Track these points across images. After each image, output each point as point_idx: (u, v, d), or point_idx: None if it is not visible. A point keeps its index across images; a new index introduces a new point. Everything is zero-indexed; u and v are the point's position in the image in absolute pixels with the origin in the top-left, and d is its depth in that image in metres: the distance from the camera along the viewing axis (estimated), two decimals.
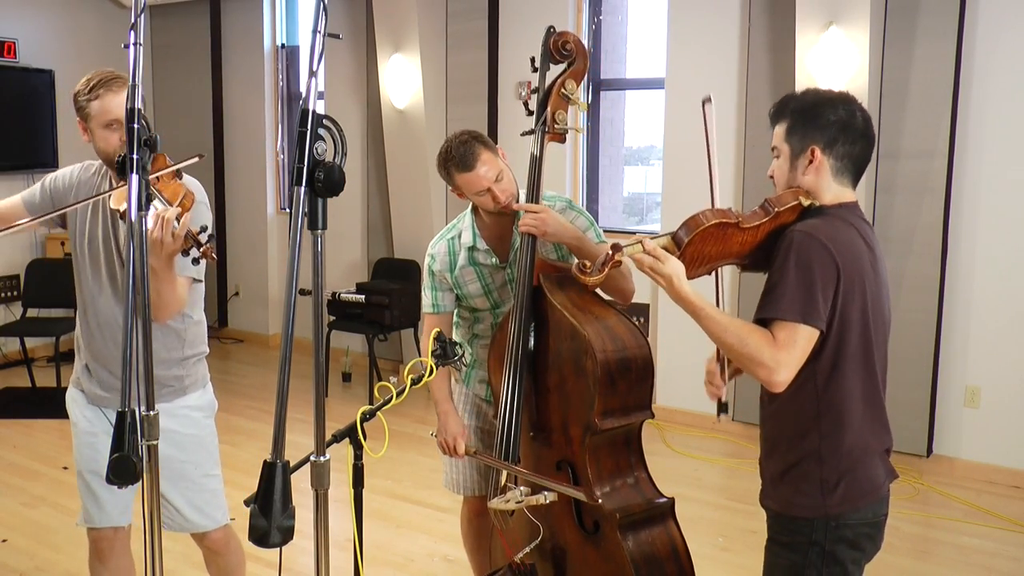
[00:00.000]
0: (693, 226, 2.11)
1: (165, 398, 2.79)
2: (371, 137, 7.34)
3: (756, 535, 4.42)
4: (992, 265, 5.06)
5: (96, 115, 2.63)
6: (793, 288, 2.01)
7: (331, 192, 1.65)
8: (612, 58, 6.62)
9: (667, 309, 6.02)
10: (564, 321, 2.69)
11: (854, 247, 2.10)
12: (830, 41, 4.95)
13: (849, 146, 2.15)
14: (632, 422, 2.72)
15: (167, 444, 2.65)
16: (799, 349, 2.02)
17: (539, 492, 2.64)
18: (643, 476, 2.77)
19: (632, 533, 2.63)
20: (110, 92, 2.62)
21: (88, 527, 2.94)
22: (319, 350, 1.71)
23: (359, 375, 7.11)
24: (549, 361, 2.78)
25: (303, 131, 1.62)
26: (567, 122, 2.84)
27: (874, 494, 2.16)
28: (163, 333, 2.80)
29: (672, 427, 6.00)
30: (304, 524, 1.69)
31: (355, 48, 7.33)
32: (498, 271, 2.98)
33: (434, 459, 5.12)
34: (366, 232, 7.56)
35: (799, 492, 2.16)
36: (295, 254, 1.61)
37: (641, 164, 7.28)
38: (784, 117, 2.21)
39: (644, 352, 2.71)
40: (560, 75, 2.84)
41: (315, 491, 1.77)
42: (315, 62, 1.64)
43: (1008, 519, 4.64)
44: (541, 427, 2.82)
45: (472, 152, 2.80)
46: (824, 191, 2.18)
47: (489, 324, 3.07)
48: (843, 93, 2.20)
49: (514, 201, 2.86)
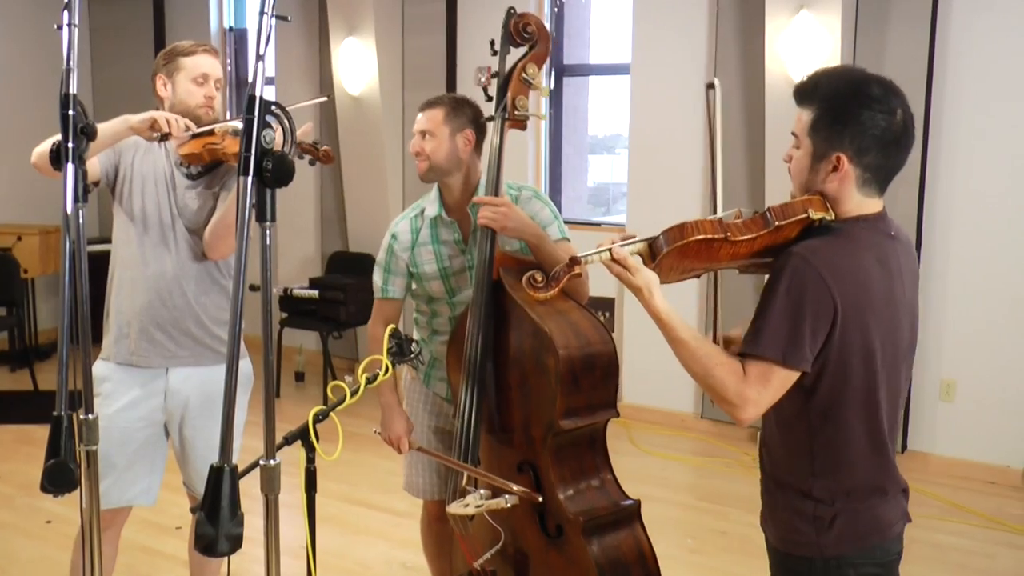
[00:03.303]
0: (673, 239, 1.95)
1: (213, 361, 2.99)
2: (324, 125, 7.29)
3: (726, 536, 4.47)
4: (968, 256, 5.13)
5: (188, 68, 2.90)
6: (778, 321, 1.87)
7: (280, 182, 1.64)
8: (575, 42, 6.63)
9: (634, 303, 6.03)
10: (525, 317, 2.69)
11: (859, 275, 1.92)
12: (801, 25, 5.00)
13: (880, 158, 1.94)
14: (596, 422, 2.72)
15: (208, 415, 2.94)
16: (771, 389, 1.89)
17: (500, 496, 2.64)
18: (608, 478, 2.77)
19: (597, 537, 2.63)
20: (208, 54, 2.95)
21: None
22: (268, 349, 1.70)
23: (313, 374, 7.07)
24: (510, 358, 2.78)
25: (250, 118, 1.61)
26: (528, 108, 2.83)
27: (879, 535, 2.02)
28: (216, 291, 2.96)
29: (639, 425, 6.03)
30: (254, 531, 1.68)
31: (307, 31, 7.27)
32: (458, 255, 2.98)
33: (392, 461, 5.09)
34: (320, 225, 7.52)
35: (791, 527, 2.04)
36: (242, 248, 1.60)
37: (606, 153, 7.31)
38: (811, 102, 1.97)
39: (608, 348, 2.71)
40: (521, 59, 2.84)
41: (265, 496, 1.75)
42: (263, 46, 1.63)
43: (984, 515, 4.71)
44: (502, 427, 2.82)
45: (436, 101, 2.96)
46: (845, 201, 1.97)
47: (447, 318, 3.06)
48: (885, 84, 1.95)
49: (424, 163, 2.92)
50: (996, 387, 5.12)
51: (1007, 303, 5.04)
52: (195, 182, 2.94)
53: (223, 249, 2.90)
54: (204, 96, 2.91)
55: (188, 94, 2.91)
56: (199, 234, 2.92)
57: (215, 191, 2.94)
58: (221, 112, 2.99)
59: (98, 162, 2.89)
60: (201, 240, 2.92)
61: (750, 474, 5.19)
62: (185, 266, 2.92)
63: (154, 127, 2.68)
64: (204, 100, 2.91)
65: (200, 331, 2.96)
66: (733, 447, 5.64)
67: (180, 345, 2.95)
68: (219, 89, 2.95)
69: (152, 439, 2.98)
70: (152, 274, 2.91)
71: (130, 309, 2.93)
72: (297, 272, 7.52)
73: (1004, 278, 5.04)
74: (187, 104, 2.90)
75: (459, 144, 2.92)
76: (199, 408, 2.98)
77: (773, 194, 5.28)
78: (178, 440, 3.02)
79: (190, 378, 2.97)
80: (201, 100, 2.91)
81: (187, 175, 2.94)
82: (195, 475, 3.03)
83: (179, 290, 2.92)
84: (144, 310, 2.91)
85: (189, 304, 2.93)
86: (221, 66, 2.99)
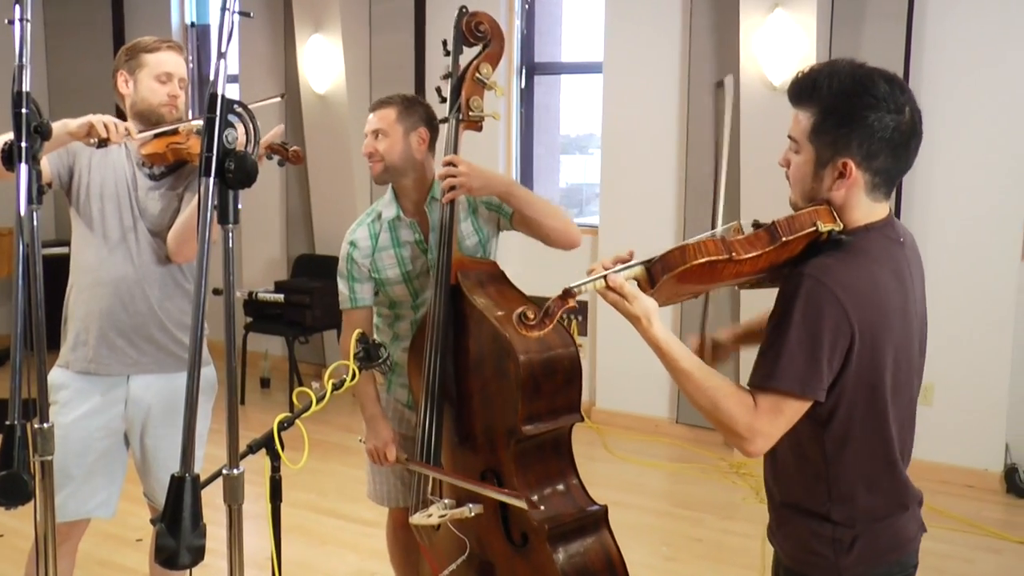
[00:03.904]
0: (672, 264, 1.83)
1: (176, 367, 2.96)
2: (289, 123, 7.25)
3: (702, 543, 4.48)
4: (946, 257, 5.15)
5: (152, 65, 2.88)
6: (794, 350, 1.78)
7: (243, 183, 1.63)
8: (546, 40, 6.64)
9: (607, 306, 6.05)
10: (484, 321, 2.69)
11: (876, 295, 1.83)
12: (776, 23, 5.03)
13: (892, 160, 1.85)
14: (560, 426, 2.73)
15: (170, 423, 2.92)
16: (784, 419, 1.82)
17: (463, 505, 2.63)
18: (574, 483, 2.77)
19: (563, 544, 2.63)
20: (172, 50, 2.93)
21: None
22: (231, 354, 1.68)
23: (279, 380, 7.04)
24: (470, 364, 2.78)
25: (211, 117, 1.60)
26: (483, 109, 2.84)
27: (900, 550, 1.99)
28: (180, 296, 2.95)
29: (613, 431, 6.04)
30: (217, 543, 1.66)
31: (271, 27, 7.24)
32: (419, 255, 2.97)
33: (360, 470, 5.06)
34: (285, 226, 7.48)
35: (808, 550, 1.97)
36: (204, 251, 1.58)
37: (579, 153, 7.33)
38: (812, 103, 1.85)
39: (570, 352, 2.71)
40: (474, 59, 2.86)
41: (229, 507, 1.74)
42: (224, 42, 1.62)
43: (962, 519, 4.75)
44: (464, 434, 2.82)
45: (386, 100, 2.98)
46: (854, 209, 1.87)
47: (410, 323, 3.05)
48: (891, 79, 1.84)
49: (378, 165, 2.93)
50: (974, 390, 5.16)
51: (985, 304, 5.09)
52: (158, 183, 2.91)
53: (188, 252, 2.87)
54: (168, 95, 2.89)
55: (151, 92, 2.89)
56: (162, 237, 2.90)
57: (179, 192, 2.92)
58: (185, 111, 2.97)
59: (48, 164, 2.84)
60: (164, 243, 2.89)
61: (726, 480, 5.22)
62: (148, 270, 2.89)
63: (91, 132, 2.64)
64: (168, 99, 2.89)
65: (164, 337, 2.93)
66: (709, 452, 5.66)
67: (142, 352, 2.92)
68: (183, 87, 2.93)
69: (112, 449, 2.96)
70: (113, 278, 2.88)
71: (89, 315, 2.90)
72: (262, 275, 7.48)
73: (982, 278, 5.09)
74: (150, 102, 2.88)
75: (413, 143, 2.92)
76: (161, 416, 2.95)
77: (749, 196, 5.31)
78: (139, 449, 2.99)
79: (152, 385, 2.95)
80: (164, 99, 2.89)
81: (149, 175, 2.91)
82: (156, 485, 3.00)
83: (141, 295, 2.89)
84: (104, 316, 2.88)
85: (152, 309, 2.90)
86: (185, 63, 2.97)
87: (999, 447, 5.15)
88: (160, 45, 2.91)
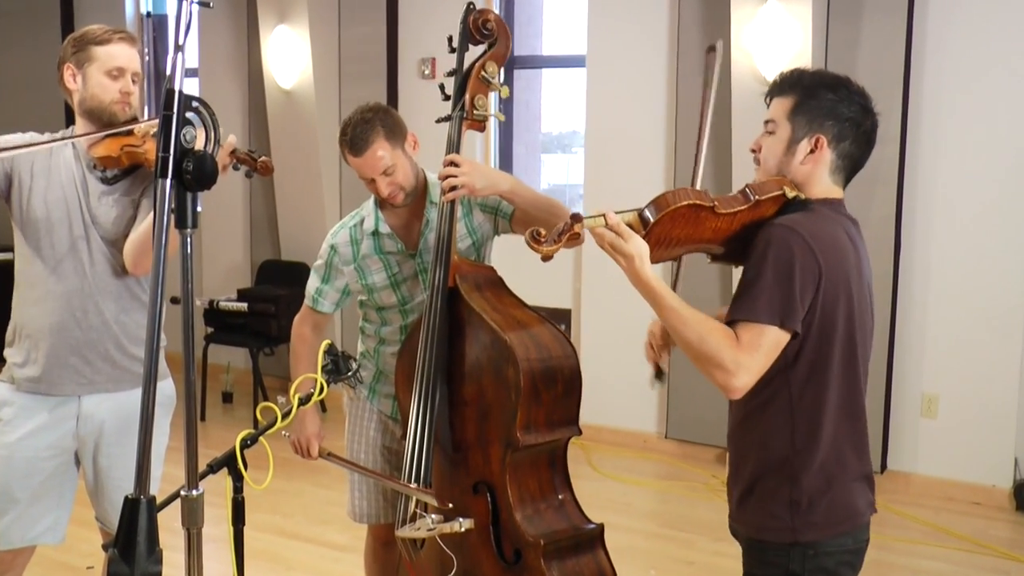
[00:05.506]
0: (663, 205, 2.13)
1: (132, 384, 2.91)
2: (253, 121, 7.25)
3: (692, 567, 4.49)
4: (950, 261, 5.19)
5: (102, 59, 2.79)
6: (771, 287, 2.06)
7: (202, 185, 1.63)
8: (527, 32, 6.66)
9: (592, 316, 6.08)
10: (483, 326, 2.71)
11: (839, 244, 2.17)
12: (769, 16, 5.04)
13: (855, 147, 2.23)
14: (557, 439, 2.75)
15: (125, 441, 2.87)
16: (763, 353, 2.07)
17: (453, 519, 2.64)
18: (569, 499, 2.80)
19: (557, 562, 2.65)
20: (124, 42, 2.83)
21: None
22: (190, 367, 1.68)
23: (243, 395, 7.02)
24: (466, 371, 2.79)
25: (168, 114, 1.59)
26: (488, 108, 2.89)
27: (850, 522, 2.23)
28: (137, 309, 2.90)
29: (599, 447, 6.05)
30: (175, 569, 1.66)
31: (233, 18, 7.23)
32: (406, 260, 2.98)
33: (329, 490, 5.08)
34: (249, 231, 7.47)
35: (767, 513, 2.21)
36: (160, 256, 1.58)
37: (561, 152, 7.34)
38: (792, 91, 2.23)
39: (572, 363, 2.75)
40: (480, 57, 2.90)
41: (187, 530, 1.74)
42: (182, 34, 1.62)
43: (968, 539, 4.77)
44: (455, 446, 2.83)
45: (366, 136, 2.84)
46: (815, 184, 2.23)
47: (398, 327, 3.07)
48: (861, 88, 2.25)
49: (400, 195, 2.91)
50: (981, 401, 5.16)
51: (992, 312, 5.10)
52: (111, 187, 2.85)
53: (147, 265, 2.78)
54: (120, 91, 2.80)
55: (101, 88, 2.80)
56: (118, 246, 2.83)
57: (134, 198, 2.86)
58: (139, 109, 2.89)
59: None
60: (120, 253, 2.83)
61: (718, 498, 5.23)
62: (102, 282, 2.83)
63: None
64: (120, 96, 2.81)
65: (119, 354, 2.88)
66: (699, 469, 5.68)
67: (97, 370, 2.87)
68: (137, 83, 2.84)
69: (60, 469, 2.92)
70: (63, 291, 2.81)
71: (39, 331, 2.84)
72: (223, 283, 7.45)
73: (987, 283, 5.11)
74: (100, 100, 2.80)
75: (410, 153, 2.96)
76: (115, 434, 2.91)
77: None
78: (91, 470, 2.95)
79: (105, 402, 2.90)
80: (116, 96, 2.80)
81: (102, 179, 2.85)
82: (110, 508, 2.97)
83: (95, 309, 2.83)
84: (55, 332, 2.82)
85: (107, 324, 2.85)
86: (139, 56, 2.88)
87: (1008, 462, 5.16)
88: (112, 36, 2.81)
